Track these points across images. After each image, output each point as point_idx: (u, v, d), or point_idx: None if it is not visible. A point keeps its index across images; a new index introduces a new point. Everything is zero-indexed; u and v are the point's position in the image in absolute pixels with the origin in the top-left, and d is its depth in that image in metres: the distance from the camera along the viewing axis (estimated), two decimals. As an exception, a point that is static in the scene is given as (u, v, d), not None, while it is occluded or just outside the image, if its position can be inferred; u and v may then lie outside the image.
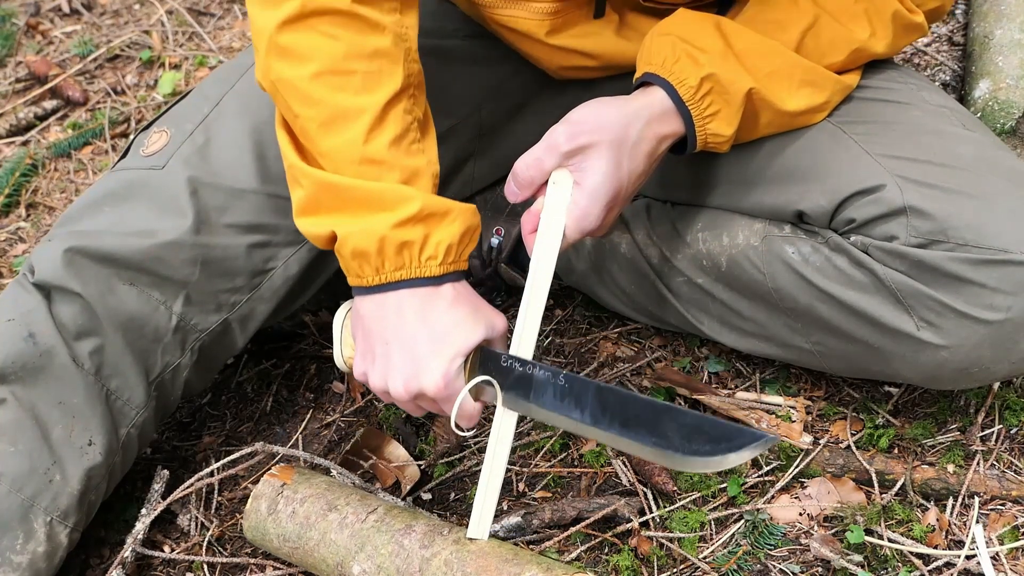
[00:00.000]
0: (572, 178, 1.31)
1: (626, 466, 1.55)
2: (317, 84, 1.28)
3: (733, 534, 1.45)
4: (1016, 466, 1.49)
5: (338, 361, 1.44)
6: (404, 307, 1.28)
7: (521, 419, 1.33)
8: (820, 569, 1.40)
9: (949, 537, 1.42)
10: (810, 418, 1.58)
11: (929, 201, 1.32)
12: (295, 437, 1.70)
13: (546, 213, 1.31)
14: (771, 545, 1.42)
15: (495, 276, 1.76)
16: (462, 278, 1.31)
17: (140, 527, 1.51)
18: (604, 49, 1.51)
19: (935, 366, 1.35)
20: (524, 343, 1.30)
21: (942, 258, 1.30)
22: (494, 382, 1.28)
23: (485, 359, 1.29)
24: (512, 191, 1.34)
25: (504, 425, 1.30)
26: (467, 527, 1.31)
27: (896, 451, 1.53)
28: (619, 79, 1.55)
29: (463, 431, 1.33)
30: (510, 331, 1.32)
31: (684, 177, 1.54)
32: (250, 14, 1.33)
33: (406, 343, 1.28)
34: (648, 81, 1.36)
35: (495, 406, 1.29)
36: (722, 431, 1.17)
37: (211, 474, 1.55)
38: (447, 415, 1.30)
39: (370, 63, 1.29)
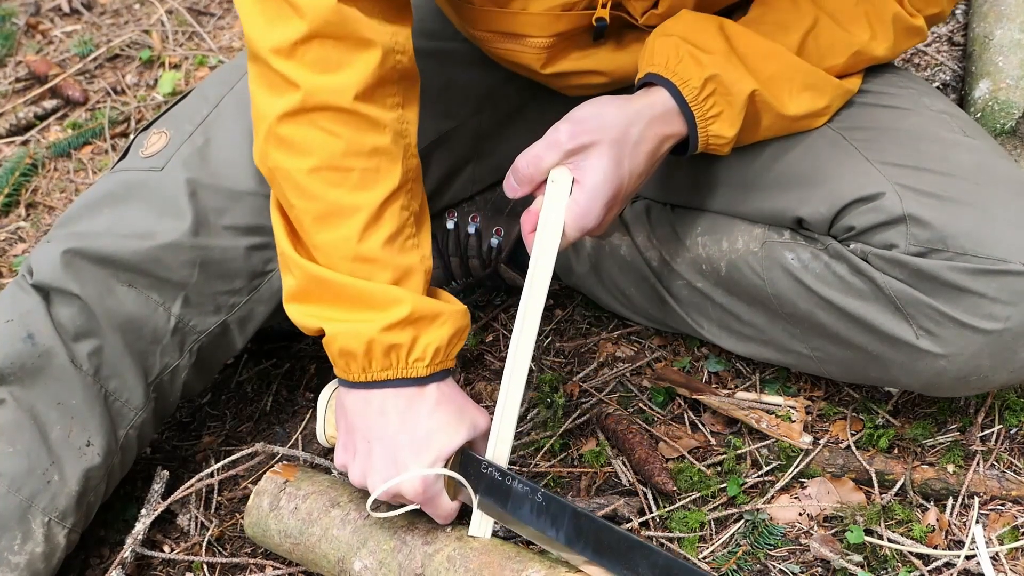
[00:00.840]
0: (572, 176, 1.30)
1: (626, 466, 1.55)
2: (314, 179, 1.28)
3: (733, 534, 1.45)
4: (1016, 466, 1.49)
5: (320, 438, 1.44)
6: (388, 407, 1.28)
7: (515, 439, 1.33)
8: (820, 569, 1.40)
9: (949, 537, 1.42)
10: (810, 418, 1.58)
11: (928, 210, 1.32)
12: (295, 437, 1.70)
13: (545, 211, 1.31)
14: (771, 545, 1.42)
15: (495, 276, 1.76)
16: (449, 376, 1.31)
17: (140, 527, 1.51)
18: (604, 66, 1.51)
19: (934, 374, 1.35)
20: (523, 343, 1.29)
21: (941, 267, 1.30)
22: (469, 489, 1.28)
23: (465, 463, 1.29)
24: (511, 186, 1.34)
25: (504, 424, 1.30)
26: (469, 524, 1.31)
27: (896, 451, 1.53)
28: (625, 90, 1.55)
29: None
30: (507, 330, 1.32)
31: (684, 179, 1.54)
32: (251, 94, 1.32)
33: (387, 445, 1.28)
34: (650, 81, 1.35)
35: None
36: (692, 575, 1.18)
37: (211, 475, 1.55)
38: (428, 512, 1.31)
39: (368, 161, 1.28)
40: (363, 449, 1.30)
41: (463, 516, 1.33)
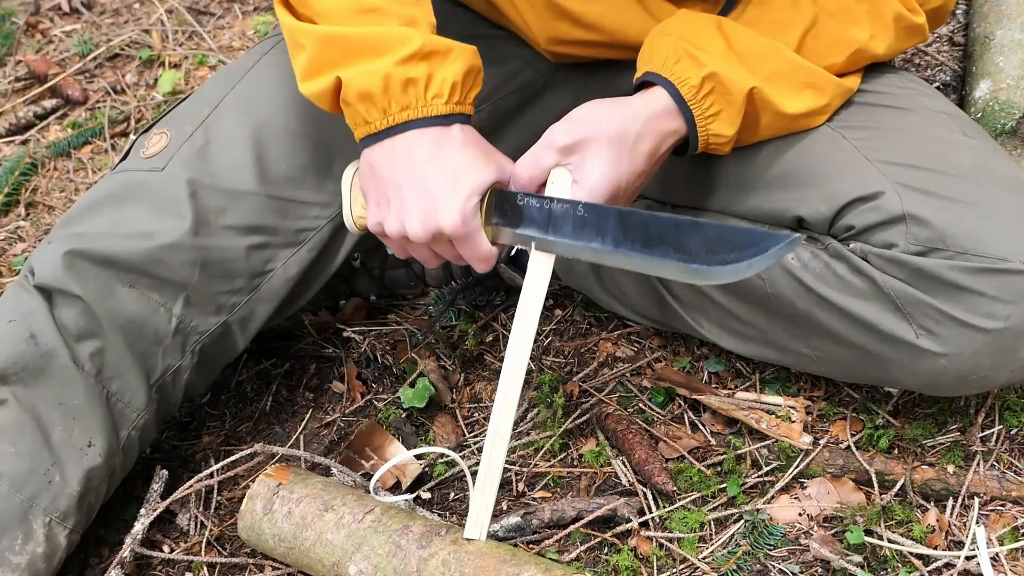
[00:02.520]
0: (571, 177, 1.30)
1: (626, 466, 1.55)
2: None
3: (733, 534, 1.45)
4: (1016, 467, 1.49)
5: (347, 221, 1.42)
6: (415, 149, 1.28)
7: (515, 439, 1.32)
8: (820, 569, 1.40)
9: (949, 538, 1.42)
10: (810, 418, 1.58)
11: (928, 209, 1.32)
12: (295, 437, 1.70)
13: None
14: (771, 545, 1.42)
15: (495, 276, 1.76)
16: (469, 122, 1.31)
17: (139, 527, 1.51)
18: (609, 21, 1.49)
19: (934, 373, 1.35)
20: (520, 346, 1.29)
21: (941, 266, 1.30)
22: (526, 234, 1.27)
23: (500, 200, 1.29)
24: None
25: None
26: (464, 527, 1.31)
27: (896, 452, 1.53)
28: (618, 71, 1.54)
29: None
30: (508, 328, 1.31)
31: (684, 179, 1.54)
32: None
33: (420, 183, 1.27)
34: (649, 81, 1.35)
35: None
36: (746, 237, 1.17)
37: (210, 475, 1.55)
38: (463, 260, 1.30)
39: None
40: (395, 196, 1.29)
41: (462, 516, 1.32)
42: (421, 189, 1.28)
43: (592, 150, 1.30)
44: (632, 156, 1.32)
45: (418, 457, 1.60)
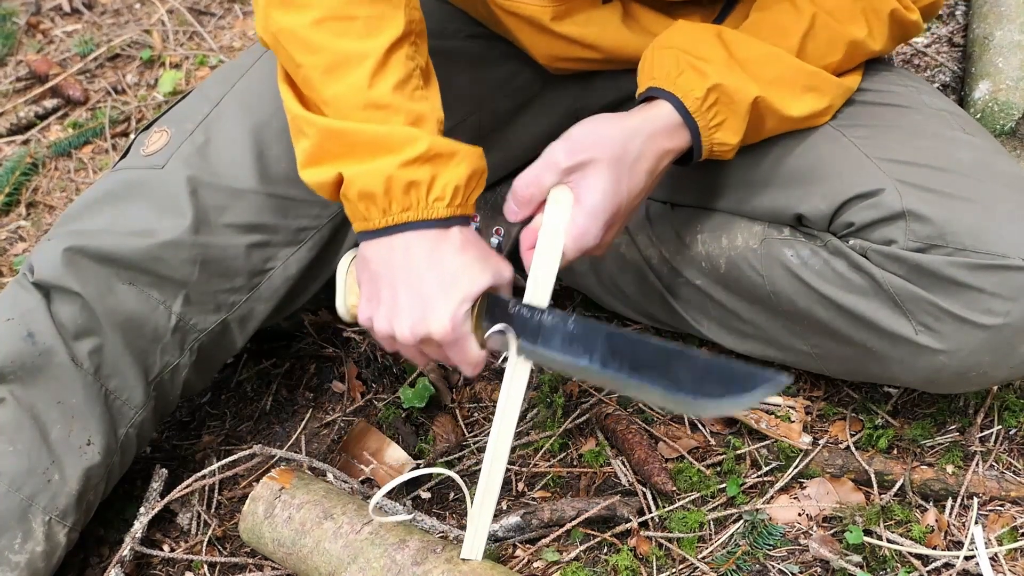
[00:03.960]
0: (571, 196, 1.30)
1: (625, 466, 1.55)
2: (318, 31, 1.27)
3: (732, 534, 1.45)
4: (1015, 467, 1.49)
5: (340, 310, 1.42)
6: (412, 250, 1.27)
7: (515, 439, 1.32)
8: (819, 569, 1.40)
9: (948, 538, 1.42)
10: (809, 418, 1.58)
11: (928, 205, 1.32)
12: (295, 437, 1.70)
13: (544, 231, 1.30)
14: (770, 545, 1.42)
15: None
16: (469, 223, 1.30)
17: (139, 526, 1.51)
18: (606, 40, 1.50)
19: (933, 370, 1.35)
20: (517, 372, 1.29)
21: (941, 262, 1.30)
22: (506, 328, 1.26)
23: (492, 305, 1.28)
24: (512, 210, 1.33)
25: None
26: (461, 545, 1.30)
27: (895, 452, 1.53)
28: (615, 75, 1.55)
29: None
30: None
31: (686, 180, 1.54)
32: None
33: (413, 286, 1.26)
34: (652, 96, 1.35)
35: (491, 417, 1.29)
36: (733, 373, 1.17)
37: (210, 475, 1.55)
38: (452, 363, 1.29)
39: (371, 7, 1.28)
40: (388, 295, 1.28)
41: (462, 516, 1.32)
42: (414, 292, 1.27)
43: (593, 169, 1.29)
44: (632, 174, 1.32)
45: (415, 457, 1.60)
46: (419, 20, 1.33)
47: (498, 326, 1.26)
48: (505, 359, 1.29)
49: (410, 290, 1.27)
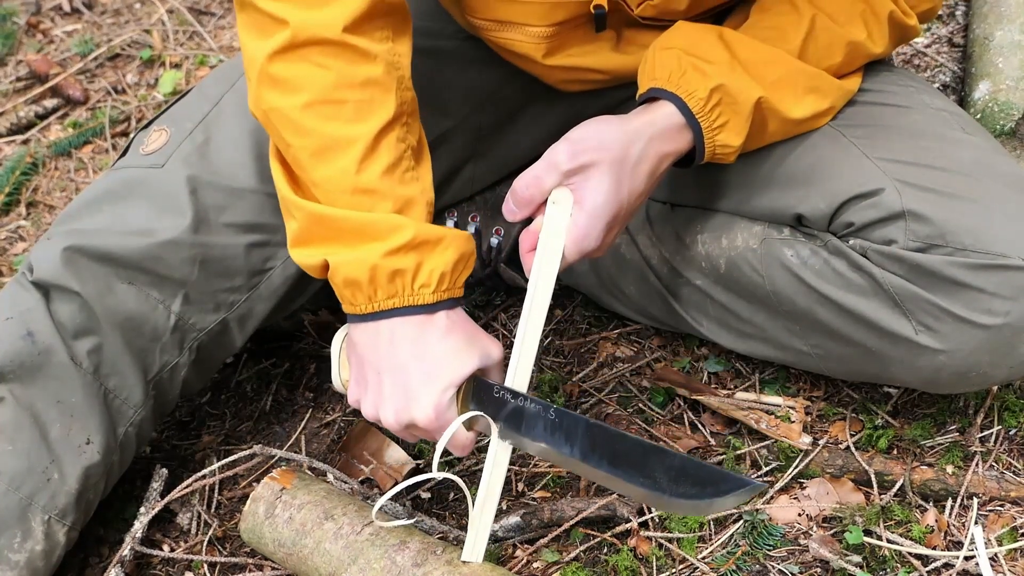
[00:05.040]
0: (572, 197, 1.30)
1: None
2: (308, 114, 1.28)
3: (732, 534, 1.45)
4: (1015, 467, 1.49)
5: (336, 383, 1.43)
6: (397, 336, 1.27)
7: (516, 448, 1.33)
8: (819, 570, 1.40)
9: (948, 538, 1.42)
10: (809, 419, 1.58)
11: (928, 205, 1.32)
12: (295, 437, 1.70)
13: (545, 233, 1.30)
14: (770, 546, 1.42)
15: (495, 276, 1.76)
16: (458, 305, 1.31)
17: (138, 526, 1.51)
18: (604, 64, 1.50)
19: (933, 370, 1.35)
20: (522, 363, 1.29)
21: (940, 262, 1.30)
22: (487, 417, 1.28)
23: (478, 389, 1.29)
24: (511, 209, 1.33)
25: (499, 453, 1.29)
26: (462, 547, 1.30)
27: (895, 452, 1.53)
28: (627, 86, 1.55)
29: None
30: (507, 359, 1.31)
31: (687, 181, 1.54)
32: (242, 42, 1.32)
33: (398, 373, 1.27)
34: (654, 96, 1.35)
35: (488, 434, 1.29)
36: (708, 475, 1.19)
37: (210, 475, 1.55)
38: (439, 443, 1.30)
39: (362, 92, 1.28)
40: (374, 381, 1.29)
41: (462, 516, 1.32)
42: (399, 380, 1.27)
43: (594, 171, 1.29)
44: (633, 176, 1.32)
45: (415, 471, 1.59)
46: (411, 100, 1.34)
47: (478, 414, 1.28)
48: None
49: (394, 377, 1.28)
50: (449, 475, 1.29)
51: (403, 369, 1.27)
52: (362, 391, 1.32)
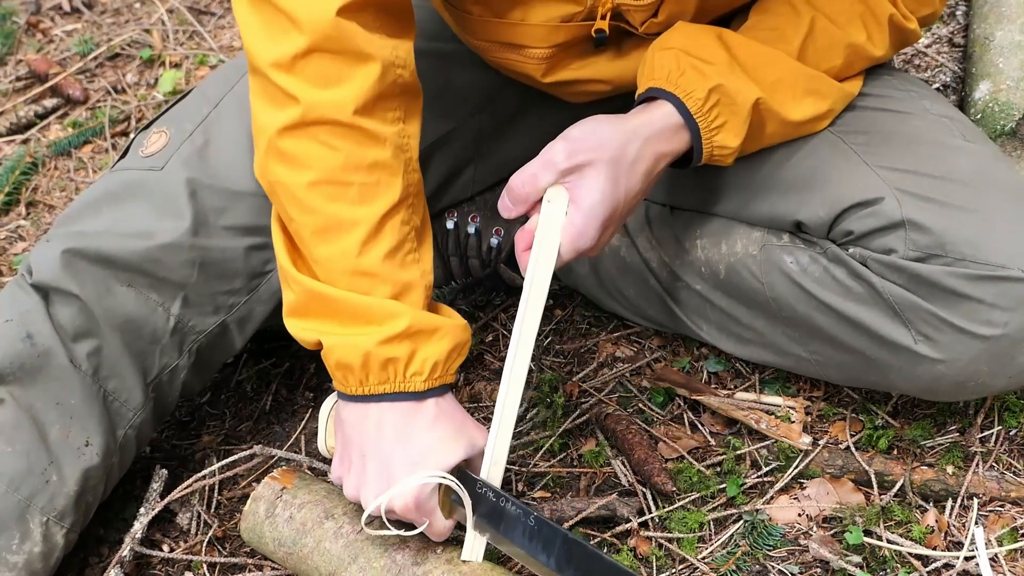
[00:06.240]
0: (568, 196, 1.30)
1: (625, 466, 1.55)
2: (314, 193, 1.27)
3: (732, 535, 1.45)
4: (1015, 468, 1.49)
5: (321, 448, 1.42)
6: (384, 422, 1.27)
7: (515, 439, 1.32)
8: (819, 570, 1.40)
9: (948, 538, 1.42)
10: (809, 419, 1.58)
11: (927, 215, 1.32)
12: (294, 436, 1.70)
13: (540, 231, 1.29)
14: (770, 546, 1.42)
15: (495, 276, 1.76)
16: (448, 391, 1.30)
17: (138, 526, 1.51)
18: (605, 74, 1.50)
19: (932, 379, 1.35)
20: (518, 361, 1.28)
21: (940, 272, 1.30)
22: (463, 494, 1.26)
23: (461, 479, 1.27)
24: (506, 206, 1.32)
25: (498, 447, 1.28)
26: (462, 545, 1.30)
27: (895, 452, 1.53)
28: (629, 92, 1.55)
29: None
30: (508, 331, 1.31)
31: (687, 183, 1.54)
32: (253, 109, 1.31)
33: (382, 459, 1.27)
34: (652, 96, 1.35)
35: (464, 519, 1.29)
36: None
37: (209, 476, 1.55)
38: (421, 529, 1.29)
39: (368, 175, 1.27)
40: (358, 463, 1.29)
41: (458, 536, 1.32)
42: (381, 467, 1.26)
43: (591, 170, 1.29)
44: (630, 176, 1.31)
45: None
46: (417, 182, 1.33)
47: (457, 503, 1.27)
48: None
49: (378, 463, 1.27)
50: (447, 476, 1.29)
51: (387, 456, 1.26)
52: (345, 471, 1.31)
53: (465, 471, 1.29)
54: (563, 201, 1.29)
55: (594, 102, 1.56)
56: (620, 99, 1.55)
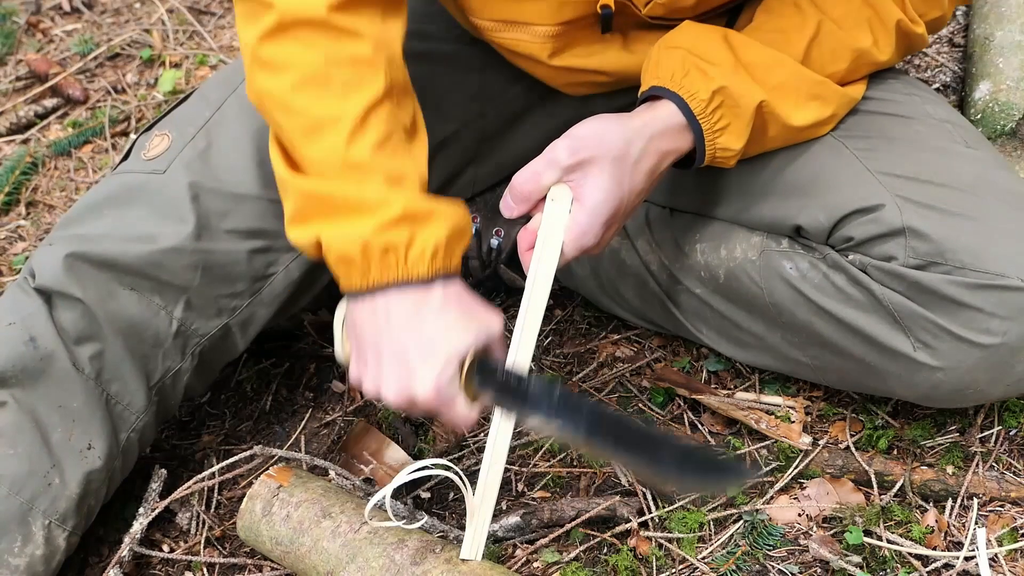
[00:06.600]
0: (571, 194, 1.29)
1: (625, 466, 1.55)
2: (297, 94, 1.28)
3: (732, 535, 1.45)
4: (1015, 468, 1.49)
5: (338, 357, 1.42)
6: (393, 312, 1.26)
7: (515, 439, 1.33)
8: (819, 570, 1.40)
9: (948, 538, 1.42)
10: (809, 419, 1.58)
11: (928, 222, 1.32)
12: (295, 436, 1.70)
13: (544, 230, 1.29)
14: (770, 546, 1.42)
15: (495, 277, 1.76)
16: (455, 279, 1.29)
17: (138, 526, 1.51)
18: (610, 66, 1.50)
19: (930, 386, 1.36)
20: (520, 360, 1.28)
21: (940, 280, 1.30)
22: (492, 395, 1.26)
23: (482, 368, 1.27)
24: (508, 205, 1.32)
25: (498, 446, 1.29)
26: (461, 545, 1.30)
27: (895, 452, 1.53)
28: (629, 91, 1.55)
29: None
30: (509, 331, 1.31)
31: (688, 186, 1.54)
32: (238, 31, 1.33)
33: (396, 351, 1.26)
34: (655, 95, 1.34)
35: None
36: (709, 462, 1.21)
37: (209, 477, 1.55)
38: (444, 421, 1.29)
39: (349, 70, 1.28)
40: (373, 360, 1.28)
41: (461, 516, 1.32)
42: (397, 358, 1.26)
43: (594, 168, 1.29)
44: (633, 175, 1.31)
45: (415, 457, 1.60)
46: (403, 80, 1.33)
47: (480, 389, 1.27)
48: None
49: (393, 356, 1.26)
50: (441, 462, 1.29)
51: (401, 346, 1.26)
52: (363, 370, 1.30)
53: (485, 358, 1.28)
54: (567, 199, 1.29)
55: (595, 98, 1.56)
56: (620, 97, 1.55)
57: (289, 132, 1.29)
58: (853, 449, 1.52)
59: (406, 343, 1.26)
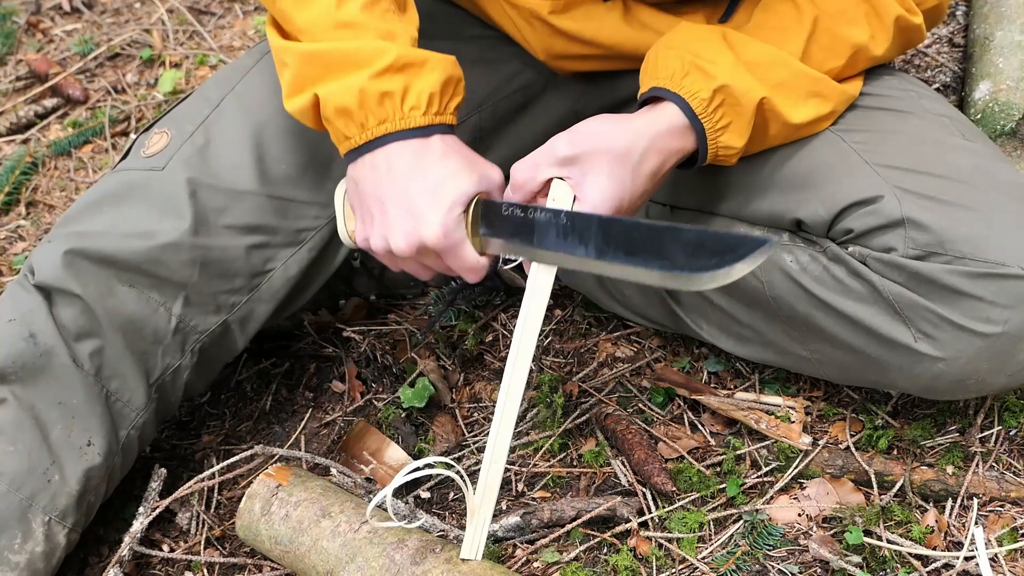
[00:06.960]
0: (573, 194, 1.30)
1: (625, 466, 1.55)
2: None
3: (732, 534, 1.45)
4: (1015, 468, 1.49)
5: (342, 236, 1.43)
6: (394, 162, 1.28)
7: (515, 439, 1.32)
8: (819, 570, 1.40)
9: (948, 538, 1.42)
10: (809, 419, 1.58)
11: (927, 213, 1.32)
12: (295, 436, 1.70)
13: None
14: (770, 546, 1.42)
15: (495, 276, 1.76)
16: (451, 132, 1.31)
17: (138, 526, 1.51)
18: (606, 37, 1.49)
19: (932, 377, 1.36)
20: (520, 361, 1.28)
21: (940, 271, 1.30)
22: (498, 239, 1.27)
23: (486, 210, 1.29)
24: (507, 196, 1.33)
25: (498, 446, 1.28)
26: (461, 545, 1.30)
27: (895, 452, 1.53)
28: (617, 76, 1.54)
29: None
30: (509, 331, 1.31)
31: (691, 183, 1.54)
32: None
33: (401, 198, 1.28)
34: (656, 96, 1.35)
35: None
36: (724, 243, 1.16)
37: (209, 477, 1.55)
38: (453, 272, 1.30)
39: None
40: (378, 212, 1.30)
41: (461, 516, 1.32)
42: (402, 204, 1.28)
43: (595, 166, 1.29)
44: (635, 175, 1.32)
45: (415, 457, 1.60)
46: None
47: (487, 232, 1.27)
48: (506, 262, 1.32)
49: (398, 203, 1.28)
50: (442, 460, 1.29)
51: (405, 193, 1.28)
52: (369, 225, 1.32)
53: (488, 200, 1.29)
54: (568, 199, 1.29)
55: (590, 90, 1.56)
56: (617, 89, 1.55)
57: (281, 4, 1.31)
58: (853, 449, 1.52)
59: (411, 190, 1.27)
